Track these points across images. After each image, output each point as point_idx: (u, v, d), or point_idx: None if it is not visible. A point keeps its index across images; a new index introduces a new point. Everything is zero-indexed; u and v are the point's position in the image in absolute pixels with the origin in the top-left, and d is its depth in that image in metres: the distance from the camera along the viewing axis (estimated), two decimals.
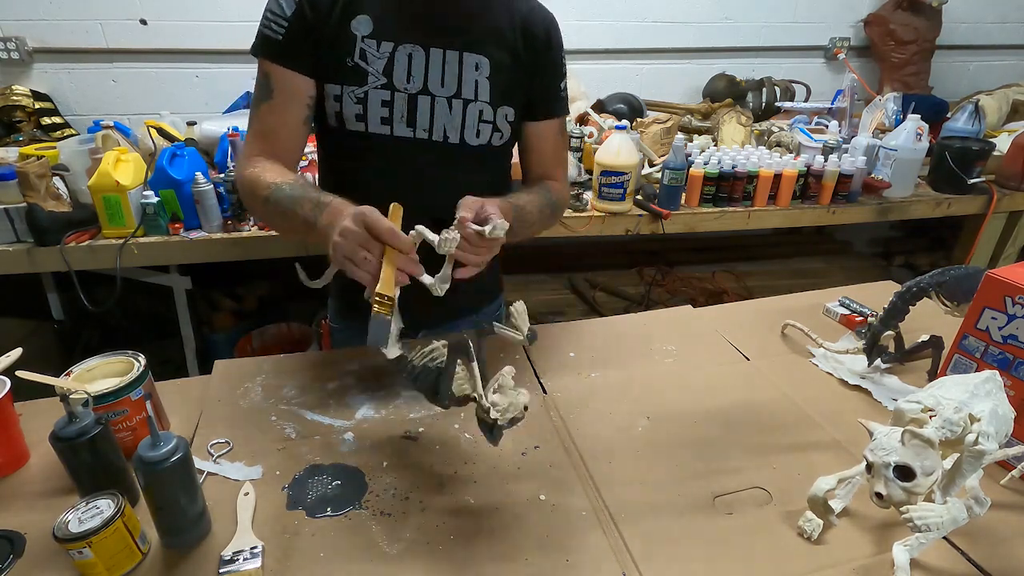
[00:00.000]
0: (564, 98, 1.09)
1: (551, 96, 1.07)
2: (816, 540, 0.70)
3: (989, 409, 0.65)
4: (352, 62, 0.91)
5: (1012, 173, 2.08)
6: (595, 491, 0.77)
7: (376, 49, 0.92)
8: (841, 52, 2.70)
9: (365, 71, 0.92)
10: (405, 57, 0.93)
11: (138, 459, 0.64)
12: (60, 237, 1.53)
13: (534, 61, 1.01)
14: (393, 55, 0.92)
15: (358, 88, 0.92)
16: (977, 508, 0.65)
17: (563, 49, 1.06)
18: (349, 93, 0.93)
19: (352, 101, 0.93)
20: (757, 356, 1.07)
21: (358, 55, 0.91)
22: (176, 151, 1.63)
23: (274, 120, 0.95)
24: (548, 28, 1.03)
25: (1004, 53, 2.93)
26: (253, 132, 0.97)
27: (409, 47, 0.93)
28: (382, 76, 0.92)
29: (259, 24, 0.92)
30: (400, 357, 0.76)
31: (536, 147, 1.10)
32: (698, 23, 2.54)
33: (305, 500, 0.75)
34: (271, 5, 0.91)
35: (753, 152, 1.96)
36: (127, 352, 0.83)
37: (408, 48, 0.93)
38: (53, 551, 0.66)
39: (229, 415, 0.90)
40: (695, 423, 0.90)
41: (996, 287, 0.79)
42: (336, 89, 0.93)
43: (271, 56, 0.92)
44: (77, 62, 2.11)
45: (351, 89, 0.92)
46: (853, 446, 0.84)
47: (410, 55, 0.93)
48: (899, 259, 2.82)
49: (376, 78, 0.92)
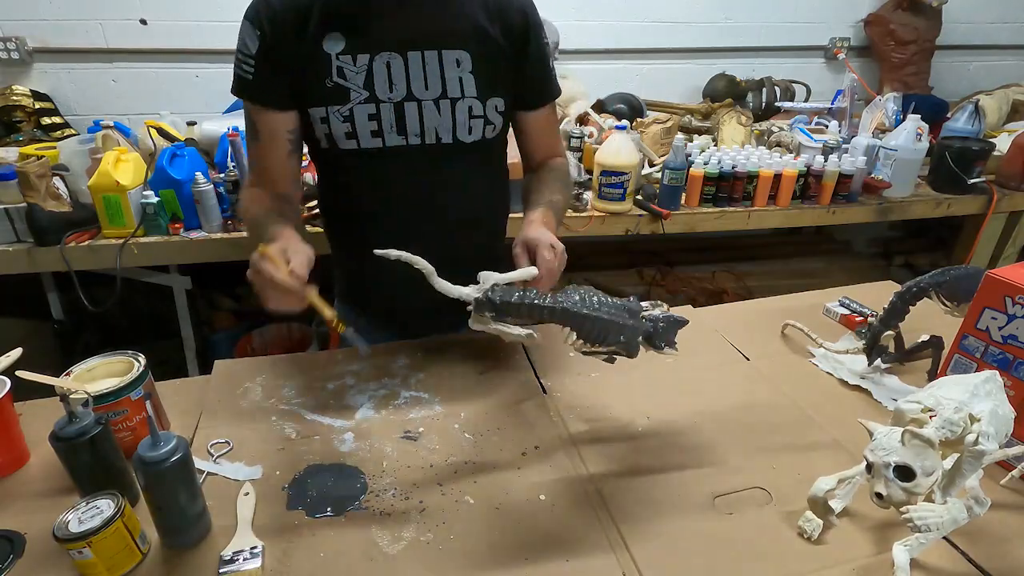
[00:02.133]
0: (554, 77, 1.07)
1: (542, 81, 1.05)
2: (816, 540, 0.69)
3: (989, 409, 0.65)
4: (332, 82, 0.90)
5: (1012, 173, 2.08)
6: (595, 491, 0.77)
7: (353, 64, 0.90)
8: (841, 52, 2.70)
9: (346, 88, 0.91)
10: (384, 67, 0.91)
11: (138, 459, 0.64)
12: (60, 237, 1.53)
13: (518, 49, 0.99)
14: (371, 67, 0.91)
15: (342, 106, 0.91)
16: (977, 508, 0.64)
17: (543, 30, 1.02)
18: (334, 113, 0.92)
19: (339, 120, 0.92)
20: (757, 356, 1.07)
21: (336, 74, 0.90)
22: (176, 151, 1.62)
23: (264, 159, 0.99)
24: (525, 12, 0.99)
25: (1004, 53, 2.94)
26: (250, 166, 1.03)
27: (386, 56, 0.91)
28: (363, 90, 0.91)
29: (232, 65, 0.92)
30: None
31: (535, 133, 1.09)
32: (698, 23, 2.54)
33: (305, 500, 0.75)
34: (239, 44, 0.91)
35: (753, 152, 1.96)
36: (127, 352, 0.83)
37: (385, 57, 0.91)
38: (53, 551, 0.66)
39: (229, 415, 0.90)
40: (695, 423, 0.90)
41: (996, 287, 0.79)
42: (321, 111, 0.92)
43: (247, 96, 0.94)
44: (77, 62, 2.11)
45: (336, 108, 0.91)
46: (853, 446, 0.84)
47: (388, 64, 0.91)
48: (899, 259, 2.82)
49: (358, 93, 0.91)
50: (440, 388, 0.97)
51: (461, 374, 1.01)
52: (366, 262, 1.12)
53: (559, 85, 1.10)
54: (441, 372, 1.01)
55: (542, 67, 1.04)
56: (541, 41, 1.02)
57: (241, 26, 0.90)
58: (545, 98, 1.07)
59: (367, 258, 1.11)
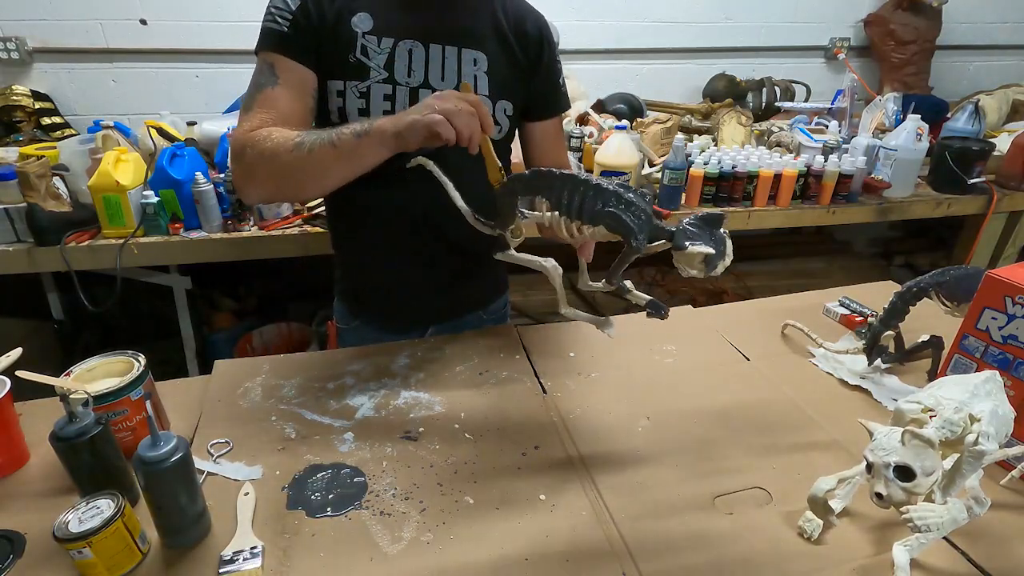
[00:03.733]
0: (564, 92, 1.11)
1: (551, 95, 1.09)
2: (816, 540, 0.70)
3: (989, 409, 0.65)
4: (354, 58, 0.93)
5: (1012, 173, 2.08)
6: (595, 491, 0.77)
7: (377, 45, 0.93)
8: (841, 52, 2.70)
9: (367, 66, 0.94)
10: (405, 53, 0.95)
11: (138, 459, 0.64)
12: (60, 237, 1.53)
13: (531, 62, 1.04)
14: (394, 51, 0.94)
15: (360, 83, 0.94)
16: (977, 508, 0.64)
17: (556, 46, 1.08)
18: (352, 88, 0.94)
19: (355, 96, 0.94)
20: (757, 356, 1.07)
21: (359, 51, 0.93)
22: (176, 151, 1.62)
23: (280, 103, 0.90)
24: (540, 27, 1.05)
25: (1004, 53, 2.93)
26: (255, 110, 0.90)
27: (409, 43, 0.95)
28: (383, 71, 0.94)
29: (263, 20, 0.93)
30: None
31: (541, 145, 1.12)
32: (698, 23, 2.54)
33: (305, 500, 0.75)
34: (275, 1, 0.92)
35: (753, 152, 1.96)
36: (127, 352, 0.83)
37: (408, 44, 0.95)
38: (53, 551, 0.66)
39: (229, 415, 0.90)
40: (695, 423, 0.90)
41: (996, 287, 0.79)
42: (339, 85, 0.94)
43: (277, 48, 0.92)
44: (77, 62, 2.11)
45: (353, 84, 0.94)
46: (853, 446, 0.84)
47: (410, 51, 0.95)
48: (899, 259, 2.82)
49: (378, 72, 0.94)
50: (440, 388, 0.97)
51: (461, 374, 1.01)
52: (366, 257, 1.13)
53: (568, 101, 1.12)
54: (441, 372, 1.01)
55: (552, 80, 1.08)
56: (554, 56, 1.07)
57: None
58: (553, 110, 1.11)
59: (368, 256, 1.12)
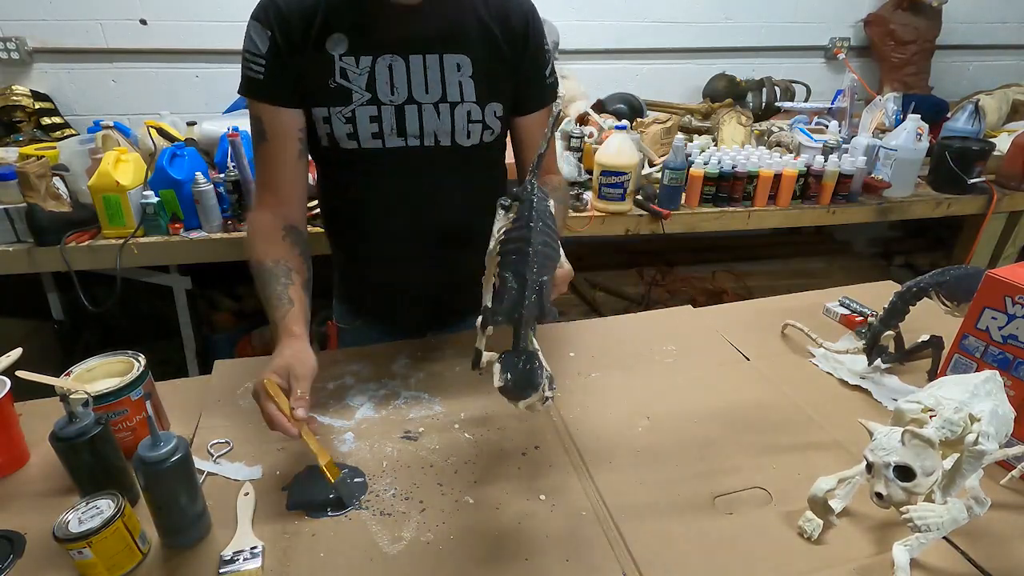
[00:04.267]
0: (550, 84, 1.06)
1: (538, 87, 1.04)
2: (816, 540, 0.70)
3: (989, 409, 0.65)
4: (335, 83, 0.91)
5: (1012, 173, 2.08)
6: (595, 491, 0.77)
7: (356, 65, 0.91)
8: (841, 52, 2.70)
9: (349, 89, 0.91)
10: (386, 69, 0.92)
11: (138, 459, 0.64)
12: (60, 237, 1.53)
13: (517, 55, 0.99)
14: (373, 69, 0.92)
15: (344, 107, 0.92)
16: (977, 508, 0.64)
17: (544, 36, 1.02)
18: (337, 114, 0.92)
19: (341, 121, 0.93)
20: (757, 356, 1.07)
21: (339, 75, 0.91)
22: (176, 151, 1.62)
23: (272, 162, 0.96)
24: (526, 18, 0.99)
25: (1004, 53, 2.93)
26: (258, 174, 1.00)
27: (388, 58, 0.92)
28: (366, 92, 0.92)
29: (240, 65, 0.92)
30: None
31: (529, 141, 1.08)
32: (698, 23, 2.54)
33: (305, 500, 0.75)
34: (247, 44, 0.91)
35: (753, 152, 1.96)
36: (127, 352, 0.84)
37: (387, 59, 0.92)
38: (53, 551, 0.66)
39: (229, 415, 0.90)
40: (695, 423, 0.90)
41: (996, 287, 0.79)
42: (323, 111, 0.93)
43: (257, 95, 0.93)
44: (77, 62, 2.11)
45: (338, 109, 0.92)
46: (853, 446, 0.84)
47: (390, 66, 0.92)
48: (899, 259, 2.82)
49: (360, 95, 0.92)
50: (440, 388, 0.97)
51: (461, 374, 1.01)
52: (365, 262, 1.14)
53: (556, 92, 1.08)
54: (441, 372, 1.01)
55: (539, 73, 1.03)
56: (541, 44, 1.02)
57: (248, 27, 0.91)
58: (539, 103, 1.06)
59: (366, 258, 1.12)
